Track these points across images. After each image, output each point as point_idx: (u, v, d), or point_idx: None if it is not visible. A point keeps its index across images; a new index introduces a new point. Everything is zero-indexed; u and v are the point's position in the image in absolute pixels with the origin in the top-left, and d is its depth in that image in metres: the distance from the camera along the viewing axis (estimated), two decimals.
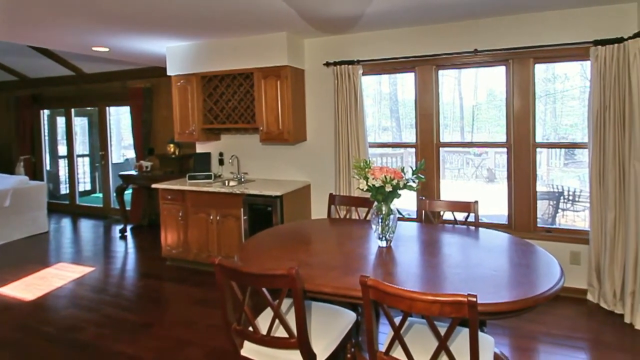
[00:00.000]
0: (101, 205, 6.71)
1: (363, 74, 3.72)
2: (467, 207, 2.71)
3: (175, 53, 4.23)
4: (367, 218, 2.88)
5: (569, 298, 3.21)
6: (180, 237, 4.06)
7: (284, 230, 2.65)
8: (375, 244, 2.24)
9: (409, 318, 1.44)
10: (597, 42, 2.91)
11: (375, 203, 2.14)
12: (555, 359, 2.44)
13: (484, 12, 3.19)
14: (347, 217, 3.08)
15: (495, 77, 3.61)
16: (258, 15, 3.12)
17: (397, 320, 1.42)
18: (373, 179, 2.04)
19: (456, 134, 6.64)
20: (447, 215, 2.89)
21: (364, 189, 2.09)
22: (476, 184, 7.45)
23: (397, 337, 1.42)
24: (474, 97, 6.24)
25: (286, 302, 1.94)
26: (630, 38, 2.78)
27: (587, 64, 3.06)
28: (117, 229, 5.70)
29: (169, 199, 4.09)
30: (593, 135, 2.98)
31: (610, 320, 2.89)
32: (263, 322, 1.78)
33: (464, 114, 6.46)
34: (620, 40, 2.84)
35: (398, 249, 2.18)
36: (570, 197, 4.99)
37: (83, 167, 7.49)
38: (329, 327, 1.81)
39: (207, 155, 4.58)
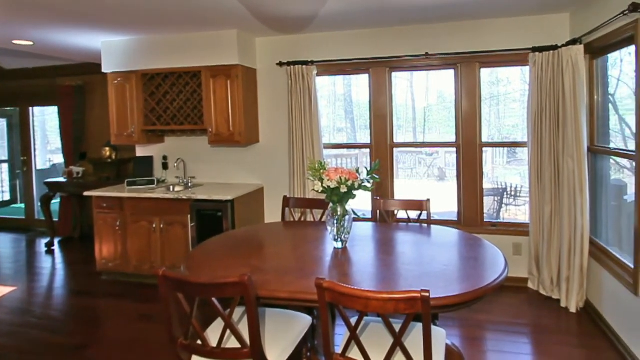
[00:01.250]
0: (23, 217, 6.04)
1: (317, 75, 3.68)
2: (420, 205, 2.79)
3: (111, 48, 3.90)
4: (323, 220, 2.86)
5: (512, 287, 3.42)
6: (118, 249, 3.73)
7: (236, 236, 2.54)
8: (331, 245, 2.23)
9: (365, 317, 1.46)
10: (535, 49, 3.13)
11: (331, 204, 2.13)
12: (501, 345, 2.59)
13: (436, 18, 3.31)
14: (302, 219, 3.04)
15: (445, 80, 3.77)
16: (206, 11, 2.98)
17: (353, 320, 1.43)
18: (328, 180, 2.03)
19: (409, 135, 6.82)
20: (401, 214, 2.96)
21: (319, 191, 2.08)
22: (428, 182, 7.70)
23: (354, 338, 1.43)
24: (425, 99, 6.47)
25: (238, 311, 1.86)
26: (563, 45, 3.01)
27: (527, 69, 3.27)
28: (42, 242, 5.10)
29: (105, 208, 3.74)
30: (532, 135, 3.20)
31: (548, 305, 3.12)
32: (213, 334, 1.68)
33: (416, 115, 6.67)
34: (555, 47, 3.07)
35: (354, 249, 2.18)
36: (513, 193, 5.35)
37: (1, 174, 6.66)
38: (284, 333, 1.77)
39: (149, 159, 4.27)
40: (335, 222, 2.12)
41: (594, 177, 3.12)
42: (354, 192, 2.10)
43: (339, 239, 2.16)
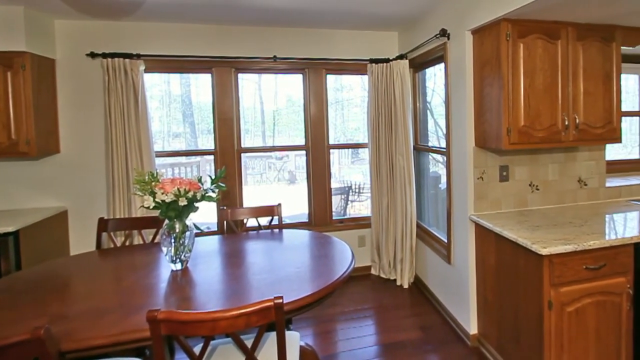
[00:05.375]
0: None
1: (146, 71, 3.16)
2: (271, 210, 2.75)
3: None
4: (156, 240, 2.52)
5: (359, 276, 3.76)
6: None
7: (24, 279, 1.92)
8: (167, 268, 1.96)
9: (211, 342, 1.30)
10: (372, 60, 3.48)
11: (167, 221, 1.88)
12: (349, 332, 2.78)
13: (285, 22, 3.32)
14: (127, 244, 2.54)
15: (293, 84, 3.83)
16: None
17: (198, 349, 1.25)
18: (163, 193, 1.78)
19: (258, 139, 6.66)
20: (252, 222, 2.84)
21: (151, 207, 1.80)
22: (279, 186, 7.69)
23: None
24: (274, 102, 6.43)
25: None
26: (393, 59, 3.44)
27: (366, 77, 3.62)
28: None
29: None
30: (371, 137, 3.55)
31: (387, 286, 3.53)
32: None
33: (265, 118, 6.59)
34: (387, 60, 3.47)
35: (197, 268, 1.97)
36: (357, 190, 5.92)
37: None
38: None
39: None
40: (173, 240, 1.87)
41: (418, 170, 3.69)
42: (196, 205, 1.89)
43: (178, 260, 1.91)
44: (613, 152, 3.34)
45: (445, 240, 2.95)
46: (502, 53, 2.19)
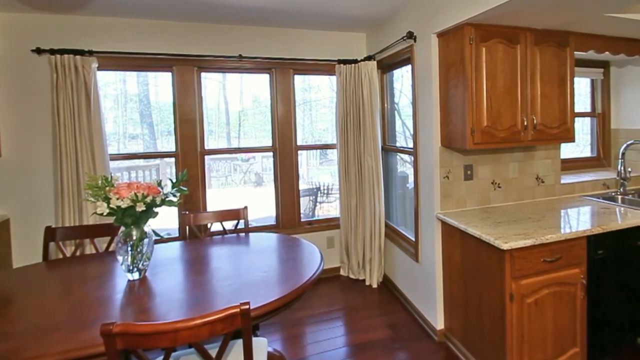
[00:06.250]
0: None
1: (99, 69, 2.95)
2: (237, 214, 2.68)
3: None
4: (111, 249, 2.39)
5: (328, 277, 3.74)
6: None
7: None
8: (123, 279, 1.85)
9: (173, 353, 1.23)
10: (340, 61, 3.47)
11: (123, 228, 1.77)
12: (318, 334, 2.75)
13: (250, 20, 3.24)
14: (78, 254, 2.41)
15: (260, 84, 3.74)
16: None
17: None
18: (118, 199, 1.67)
19: (222, 140, 6.42)
20: (216, 226, 2.75)
21: (104, 214, 1.69)
22: (245, 189, 7.46)
23: None
24: (240, 102, 6.22)
25: None
26: (361, 60, 3.45)
27: (334, 78, 3.61)
28: None
29: None
30: (339, 137, 3.55)
31: (356, 286, 3.53)
32: None
33: (230, 119, 6.38)
34: (355, 61, 3.48)
35: (156, 277, 1.87)
36: (325, 191, 5.91)
37: None
38: None
39: None
40: (130, 249, 1.76)
41: (386, 171, 3.72)
42: (156, 210, 1.80)
43: (135, 269, 1.81)
44: (567, 150, 3.52)
45: (413, 239, 2.99)
46: (466, 56, 2.25)
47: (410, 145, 3.10)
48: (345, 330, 2.80)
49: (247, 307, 1.22)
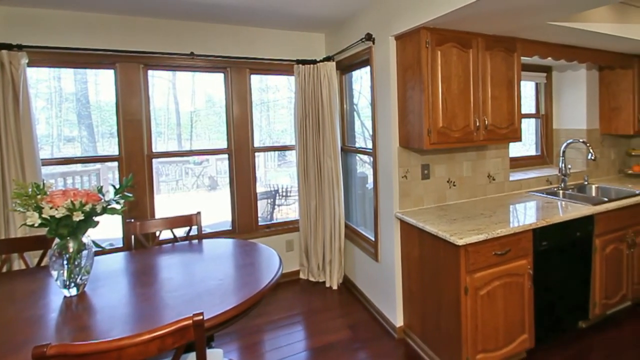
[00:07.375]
0: None
1: (30, 65, 2.67)
2: (189, 220, 2.54)
3: None
4: (44, 264, 2.19)
5: (287, 282, 3.66)
6: None
7: None
8: (59, 295, 1.69)
9: None
10: (299, 61, 3.42)
11: (57, 240, 1.62)
12: (278, 340, 2.67)
13: (202, 16, 3.09)
14: (5, 270, 2.21)
15: (214, 83, 3.58)
16: None
17: None
18: (52, 208, 1.52)
19: (172, 143, 6.09)
20: (167, 234, 2.59)
21: (36, 225, 1.53)
22: (198, 194, 7.11)
23: None
24: (192, 102, 5.90)
25: None
26: (320, 61, 3.42)
27: (293, 78, 3.56)
28: None
29: None
30: (298, 139, 3.49)
31: (316, 289, 3.49)
32: None
33: (181, 120, 6.02)
34: (314, 62, 3.44)
35: (97, 292, 1.72)
36: (284, 193, 5.82)
37: None
38: None
39: None
40: (66, 262, 1.61)
41: (346, 171, 3.72)
42: (96, 219, 1.66)
43: (72, 284, 1.65)
44: (515, 150, 3.72)
45: (373, 239, 3.01)
46: (423, 59, 2.29)
47: (370, 146, 3.12)
48: (305, 334, 2.75)
49: (201, 317, 1.13)
